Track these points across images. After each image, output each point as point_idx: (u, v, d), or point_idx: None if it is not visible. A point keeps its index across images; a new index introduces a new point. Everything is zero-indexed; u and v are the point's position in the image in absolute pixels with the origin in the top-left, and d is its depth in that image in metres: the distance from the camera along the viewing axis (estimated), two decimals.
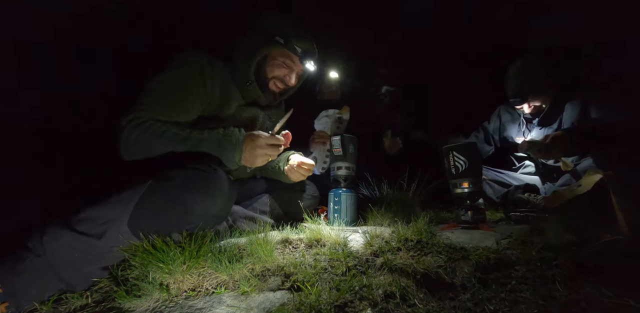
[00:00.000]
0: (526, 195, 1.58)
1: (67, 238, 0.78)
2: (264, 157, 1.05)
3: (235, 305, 0.67)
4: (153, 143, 0.96)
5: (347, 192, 1.30)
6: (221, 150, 1.00)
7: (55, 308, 0.75)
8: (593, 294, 0.66)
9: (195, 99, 1.09)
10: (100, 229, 0.80)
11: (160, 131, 0.97)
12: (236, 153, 1.01)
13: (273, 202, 1.39)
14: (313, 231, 0.98)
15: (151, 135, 0.96)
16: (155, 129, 0.97)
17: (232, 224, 1.23)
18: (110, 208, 0.83)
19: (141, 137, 0.96)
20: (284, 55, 1.22)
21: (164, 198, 0.85)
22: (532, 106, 1.74)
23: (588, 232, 0.97)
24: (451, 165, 1.25)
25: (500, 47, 2.28)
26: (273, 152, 1.06)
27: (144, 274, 0.76)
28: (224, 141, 1.01)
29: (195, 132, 1.02)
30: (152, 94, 1.04)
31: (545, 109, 1.72)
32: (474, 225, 1.16)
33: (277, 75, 1.24)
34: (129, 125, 0.97)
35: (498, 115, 2.05)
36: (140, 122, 0.97)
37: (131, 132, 0.96)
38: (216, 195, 0.90)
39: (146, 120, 0.98)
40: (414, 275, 0.74)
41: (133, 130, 0.96)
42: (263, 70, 1.22)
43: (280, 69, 1.24)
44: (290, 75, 1.26)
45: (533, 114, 1.77)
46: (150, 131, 0.97)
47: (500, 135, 2.03)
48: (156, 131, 0.97)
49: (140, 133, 0.96)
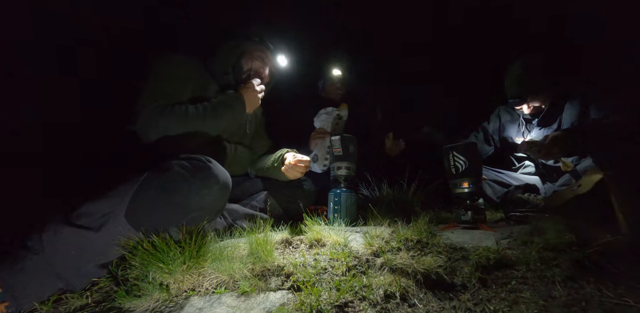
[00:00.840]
0: (526, 195, 1.58)
1: (66, 233, 0.79)
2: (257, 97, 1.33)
3: (235, 305, 0.67)
4: (181, 121, 1.11)
5: (347, 192, 1.30)
6: (232, 106, 1.24)
7: (55, 308, 0.75)
8: (593, 294, 0.66)
9: (187, 90, 1.25)
10: (99, 222, 0.81)
11: (182, 110, 1.13)
12: (242, 103, 1.27)
13: (272, 199, 1.40)
14: (313, 231, 0.98)
15: (178, 115, 1.11)
16: (177, 109, 1.12)
17: (231, 223, 1.23)
18: (107, 201, 0.83)
19: (170, 117, 1.09)
20: (259, 50, 1.41)
21: (161, 189, 0.85)
22: (531, 107, 1.73)
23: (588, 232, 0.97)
24: (451, 165, 1.25)
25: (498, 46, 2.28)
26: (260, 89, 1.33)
27: (144, 274, 0.76)
28: (231, 98, 1.26)
29: (201, 104, 1.19)
30: (153, 90, 1.15)
31: (544, 109, 1.72)
32: (474, 225, 1.16)
33: (252, 67, 1.40)
34: (153, 112, 1.08)
35: (497, 116, 2.05)
36: (162, 108, 1.10)
37: (159, 115, 1.08)
38: (212, 185, 0.91)
39: (166, 105, 1.12)
40: (414, 275, 0.74)
41: (160, 113, 1.08)
42: (239, 65, 1.38)
43: (255, 61, 1.40)
44: (264, 68, 1.43)
45: (532, 115, 1.77)
46: (175, 112, 1.11)
47: (499, 136, 2.03)
48: (179, 110, 1.12)
49: (169, 113, 1.09)
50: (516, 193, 1.67)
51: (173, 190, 0.86)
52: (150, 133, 1.08)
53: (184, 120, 1.11)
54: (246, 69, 1.38)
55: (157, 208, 0.84)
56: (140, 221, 0.82)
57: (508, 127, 1.97)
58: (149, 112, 1.07)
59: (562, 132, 1.40)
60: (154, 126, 1.07)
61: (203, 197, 0.89)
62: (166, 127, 1.09)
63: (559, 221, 1.02)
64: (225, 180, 0.96)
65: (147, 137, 1.09)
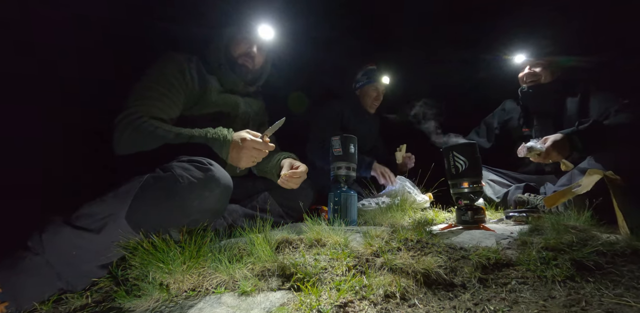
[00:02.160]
0: (526, 195, 1.58)
1: (66, 234, 0.79)
2: (249, 158, 1.10)
3: (235, 305, 0.67)
4: (145, 139, 1.03)
5: (347, 192, 1.30)
6: (209, 148, 1.06)
7: (55, 308, 0.75)
8: (593, 294, 0.66)
9: (180, 92, 1.21)
10: (99, 224, 0.80)
11: (152, 128, 1.04)
12: (223, 151, 1.06)
13: (272, 199, 1.40)
14: (313, 231, 0.98)
15: (143, 132, 1.03)
16: (147, 125, 1.04)
17: (232, 223, 1.23)
18: (108, 203, 0.83)
19: (134, 133, 1.03)
20: (242, 32, 1.39)
21: (161, 191, 0.85)
22: (532, 70, 1.75)
23: (588, 232, 0.97)
24: (451, 165, 1.25)
25: None
26: (259, 155, 1.11)
27: (144, 274, 0.76)
28: (213, 139, 1.06)
29: (185, 129, 1.08)
30: (141, 91, 1.14)
31: (543, 83, 1.74)
32: (474, 225, 1.16)
33: (241, 51, 1.38)
34: (122, 122, 1.04)
35: (502, 108, 2.04)
36: (134, 118, 1.05)
37: (124, 129, 1.03)
38: (213, 187, 0.91)
39: (140, 116, 1.06)
40: (414, 275, 0.74)
41: (126, 126, 1.03)
42: (230, 53, 1.38)
43: (241, 44, 1.39)
44: (251, 48, 1.40)
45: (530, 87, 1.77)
46: (143, 127, 1.03)
47: (503, 129, 2.00)
48: (148, 128, 1.04)
49: (133, 129, 1.03)
50: (516, 193, 1.67)
51: (174, 193, 0.85)
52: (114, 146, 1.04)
53: (145, 141, 1.03)
54: (236, 55, 1.38)
55: (158, 210, 0.84)
56: (140, 223, 0.82)
57: (512, 120, 1.95)
58: (117, 122, 1.04)
59: (562, 136, 1.40)
60: (115, 139, 1.04)
61: (204, 199, 0.89)
62: (127, 144, 1.03)
63: (559, 221, 1.02)
64: (227, 183, 0.96)
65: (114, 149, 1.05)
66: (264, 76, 1.52)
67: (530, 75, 1.76)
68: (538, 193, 1.64)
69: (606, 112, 1.54)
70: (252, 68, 1.42)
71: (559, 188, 1.46)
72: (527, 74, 1.77)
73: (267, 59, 1.50)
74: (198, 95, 1.28)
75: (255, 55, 1.41)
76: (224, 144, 1.06)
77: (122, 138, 1.03)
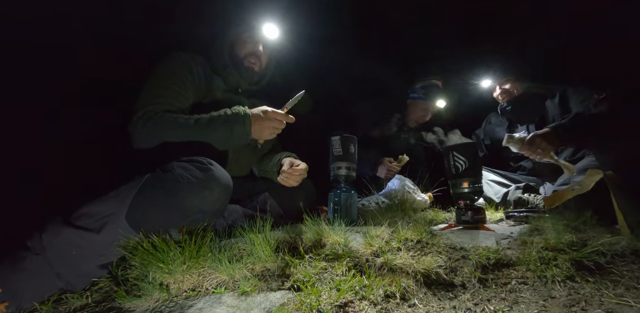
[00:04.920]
0: (526, 195, 1.58)
1: (66, 234, 0.79)
2: (271, 130, 1.14)
3: (235, 305, 0.67)
4: (166, 131, 1.06)
5: (347, 192, 1.30)
6: (231, 125, 1.08)
7: (55, 308, 0.75)
8: (593, 294, 0.66)
9: (190, 90, 1.22)
10: (99, 224, 0.80)
11: (170, 119, 1.07)
12: (246, 124, 1.09)
13: (272, 200, 1.40)
14: (313, 231, 0.98)
15: (163, 124, 1.06)
16: (165, 118, 1.07)
17: (232, 223, 1.23)
18: (108, 203, 0.83)
19: (154, 127, 1.05)
20: (247, 31, 1.38)
21: (161, 191, 0.85)
22: (502, 88, 1.88)
23: (588, 232, 0.97)
24: (451, 165, 1.25)
25: None
26: (280, 126, 1.15)
27: (144, 274, 0.76)
28: (234, 115, 1.10)
29: (202, 115, 1.11)
30: (153, 90, 1.15)
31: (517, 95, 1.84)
32: (474, 225, 1.16)
33: (247, 52, 1.37)
34: (141, 119, 1.06)
35: (488, 121, 2.15)
36: (152, 115, 1.07)
37: (144, 124, 1.05)
38: (213, 186, 0.91)
39: (157, 112, 1.09)
40: (414, 275, 0.74)
41: (145, 122, 1.06)
42: (235, 54, 1.36)
43: (247, 44, 1.37)
44: (257, 47, 1.39)
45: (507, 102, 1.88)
46: (164, 119, 1.07)
47: (491, 140, 2.10)
48: (167, 120, 1.07)
49: (153, 124, 1.06)
50: (516, 193, 1.67)
51: (174, 193, 0.85)
52: (135, 140, 1.07)
53: (168, 132, 1.06)
54: (242, 56, 1.36)
55: (157, 210, 0.84)
56: (140, 223, 0.82)
57: (496, 130, 2.05)
58: (136, 119, 1.06)
59: (548, 129, 1.44)
60: (137, 134, 1.06)
61: (204, 199, 0.89)
62: (150, 136, 1.05)
63: (559, 221, 1.02)
64: (227, 183, 0.96)
65: (134, 144, 1.07)
66: (268, 75, 1.51)
67: (504, 92, 1.90)
68: (538, 193, 1.64)
69: (586, 108, 1.58)
70: (259, 70, 1.41)
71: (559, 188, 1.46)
72: (501, 92, 1.91)
73: (271, 58, 1.50)
74: (204, 95, 1.28)
75: (261, 54, 1.40)
76: (245, 117, 1.09)
77: (144, 131, 1.05)
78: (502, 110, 1.92)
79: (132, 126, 1.06)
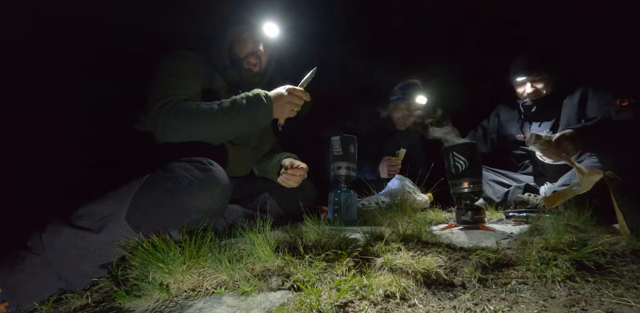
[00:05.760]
0: (526, 195, 1.58)
1: (66, 234, 0.79)
2: (292, 107, 1.17)
3: (235, 305, 0.67)
4: (191, 118, 1.06)
5: (347, 192, 1.30)
6: (254, 106, 1.11)
7: (55, 308, 0.75)
8: (593, 294, 0.66)
9: (198, 85, 1.22)
10: (99, 224, 0.80)
11: (193, 106, 1.08)
12: (268, 105, 1.12)
13: (272, 200, 1.40)
14: (313, 231, 0.98)
15: (187, 112, 1.06)
16: (187, 106, 1.07)
17: (232, 223, 1.23)
18: (108, 203, 0.83)
19: (177, 115, 1.05)
20: (246, 31, 1.35)
21: (161, 191, 0.85)
22: (533, 87, 1.75)
23: (588, 232, 0.97)
24: (451, 165, 1.25)
25: None
26: (300, 102, 1.18)
27: (144, 274, 0.76)
28: (255, 96, 1.12)
29: (223, 100, 1.12)
30: (164, 85, 1.14)
31: (544, 95, 1.75)
32: (474, 225, 1.16)
33: (247, 52, 1.35)
34: (161, 109, 1.05)
35: (497, 114, 2.05)
36: (172, 104, 1.07)
37: (166, 114, 1.05)
38: (213, 187, 0.91)
39: (177, 102, 1.08)
40: (414, 275, 0.74)
41: (167, 112, 1.05)
42: (235, 54, 1.34)
43: (247, 44, 1.35)
44: (257, 47, 1.36)
45: (533, 101, 1.78)
46: (185, 108, 1.06)
47: (499, 134, 2.02)
48: (189, 108, 1.07)
49: (176, 112, 1.05)
50: (516, 193, 1.67)
51: (174, 193, 0.85)
52: (158, 133, 1.06)
53: (192, 119, 1.05)
54: (242, 56, 1.34)
55: (157, 210, 0.84)
56: (140, 223, 0.82)
57: (507, 125, 1.97)
58: (155, 112, 1.05)
59: (573, 131, 1.34)
60: (159, 126, 1.05)
61: (204, 199, 0.89)
62: (175, 125, 1.04)
63: (559, 221, 1.02)
64: (227, 183, 0.96)
65: (158, 137, 1.07)
66: (269, 74, 1.50)
67: (534, 91, 1.77)
68: (538, 193, 1.64)
69: (607, 113, 1.54)
70: (259, 70, 1.40)
71: (559, 188, 1.46)
72: (531, 92, 1.77)
73: (271, 58, 1.48)
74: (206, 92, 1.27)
75: (262, 54, 1.38)
76: (267, 97, 1.13)
77: (167, 123, 1.04)
78: (525, 106, 1.82)
79: (152, 119, 1.06)
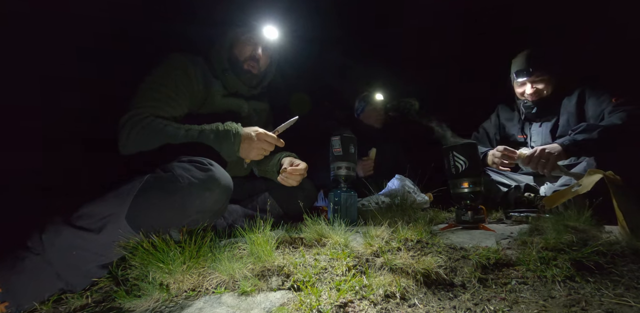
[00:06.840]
0: (526, 195, 1.58)
1: (66, 234, 0.79)
2: (259, 151, 1.14)
3: (235, 305, 0.67)
4: (154, 137, 1.04)
5: (347, 192, 1.30)
6: (220, 141, 1.08)
7: (55, 308, 0.75)
8: (593, 294, 0.66)
9: (184, 94, 1.20)
10: (99, 224, 0.80)
11: (161, 125, 1.06)
12: (235, 142, 1.09)
13: (272, 199, 1.40)
14: (313, 231, 0.98)
15: (153, 129, 1.04)
16: (156, 123, 1.05)
17: (232, 223, 1.24)
18: (108, 203, 0.83)
19: (142, 131, 1.03)
20: (246, 33, 1.34)
21: (161, 191, 0.85)
22: (534, 88, 1.74)
23: (588, 232, 0.97)
24: (451, 165, 1.25)
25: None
26: (269, 148, 1.16)
27: (144, 274, 0.76)
28: (225, 131, 1.09)
29: (194, 126, 1.09)
30: (146, 92, 1.13)
31: (545, 96, 1.74)
32: (474, 225, 1.16)
33: (246, 55, 1.35)
34: (129, 121, 1.04)
35: (497, 114, 2.05)
36: (142, 117, 1.05)
37: (132, 127, 1.03)
38: (213, 187, 0.90)
39: (147, 116, 1.07)
40: (414, 275, 0.74)
41: (134, 125, 1.04)
42: (234, 57, 1.34)
43: (247, 47, 1.34)
44: (257, 49, 1.36)
45: (534, 102, 1.77)
46: (152, 125, 1.05)
47: (500, 134, 2.02)
48: (157, 126, 1.05)
49: (142, 128, 1.04)
50: (516, 193, 1.67)
51: (174, 193, 0.85)
52: (120, 145, 1.04)
53: (153, 140, 1.04)
54: (241, 59, 1.34)
55: (158, 210, 0.84)
56: (141, 223, 0.82)
57: (508, 125, 1.97)
58: (123, 122, 1.04)
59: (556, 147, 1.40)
60: (123, 138, 1.04)
61: (204, 199, 0.89)
62: (136, 141, 1.03)
63: (559, 221, 1.02)
64: (227, 183, 0.96)
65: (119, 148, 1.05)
66: (269, 77, 1.50)
67: (535, 92, 1.76)
68: (538, 193, 1.64)
69: (601, 113, 1.55)
70: (258, 73, 1.39)
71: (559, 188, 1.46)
72: (532, 92, 1.76)
73: (271, 60, 1.48)
74: (202, 98, 1.27)
75: (260, 57, 1.37)
76: (236, 135, 1.10)
77: (130, 137, 1.03)
78: (526, 106, 1.82)
79: (119, 128, 1.04)
